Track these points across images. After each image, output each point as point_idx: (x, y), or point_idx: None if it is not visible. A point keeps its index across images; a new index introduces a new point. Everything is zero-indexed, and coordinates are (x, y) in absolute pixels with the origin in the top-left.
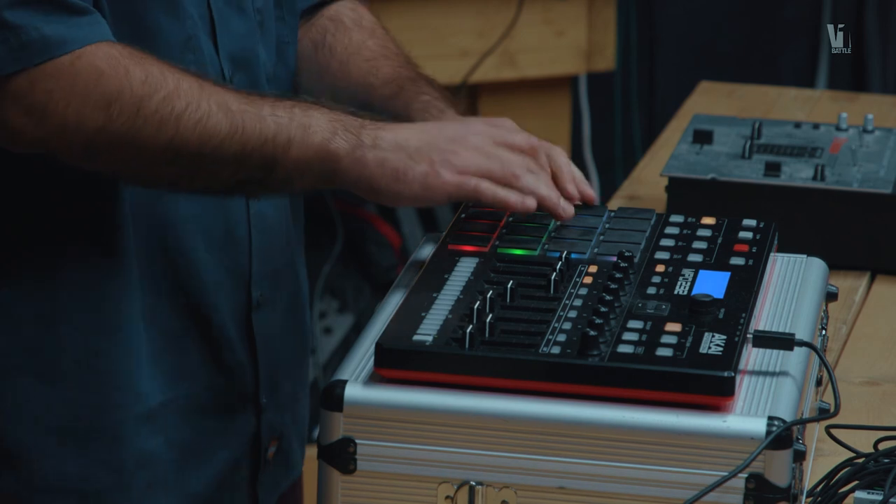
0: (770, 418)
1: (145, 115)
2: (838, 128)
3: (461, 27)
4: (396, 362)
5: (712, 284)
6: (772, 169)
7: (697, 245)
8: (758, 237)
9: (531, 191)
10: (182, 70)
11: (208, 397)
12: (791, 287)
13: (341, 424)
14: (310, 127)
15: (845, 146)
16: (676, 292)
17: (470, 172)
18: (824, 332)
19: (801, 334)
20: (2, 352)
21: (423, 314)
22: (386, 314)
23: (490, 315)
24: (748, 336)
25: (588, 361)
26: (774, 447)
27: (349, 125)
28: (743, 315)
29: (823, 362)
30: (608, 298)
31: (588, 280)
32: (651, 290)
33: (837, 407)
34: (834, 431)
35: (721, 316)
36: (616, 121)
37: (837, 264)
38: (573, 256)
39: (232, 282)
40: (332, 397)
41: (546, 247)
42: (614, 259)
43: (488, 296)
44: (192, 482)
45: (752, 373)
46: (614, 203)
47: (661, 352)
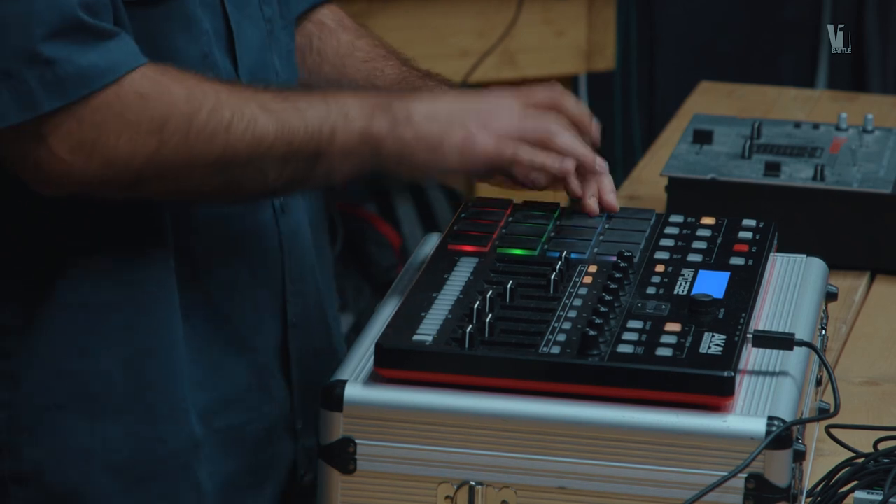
0: (770, 418)
1: (197, 132)
2: (838, 128)
3: (461, 27)
4: (396, 362)
5: (712, 284)
6: (772, 169)
7: (697, 245)
8: (757, 237)
9: (568, 149)
10: (213, 79)
11: (252, 427)
12: (791, 287)
13: (341, 424)
14: (348, 114)
15: (845, 146)
16: (676, 292)
17: (505, 135)
18: (824, 332)
19: (801, 334)
20: (46, 388)
21: (423, 314)
22: (386, 314)
23: (490, 315)
24: (748, 336)
25: (588, 361)
26: (774, 447)
27: (381, 104)
28: (743, 315)
29: (823, 362)
30: (608, 298)
31: (588, 280)
32: (651, 290)
33: (837, 407)
34: (834, 431)
35: (721, 316)
36: (616, 121)
37: (837, 264)
38: (573, 256)
39: (270, 303)
40: (332, 397)
41: (546, 247)
42: (614, 259)
43: (488, 296)
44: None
45: (752, 373)
46: None
47: (661, 352)
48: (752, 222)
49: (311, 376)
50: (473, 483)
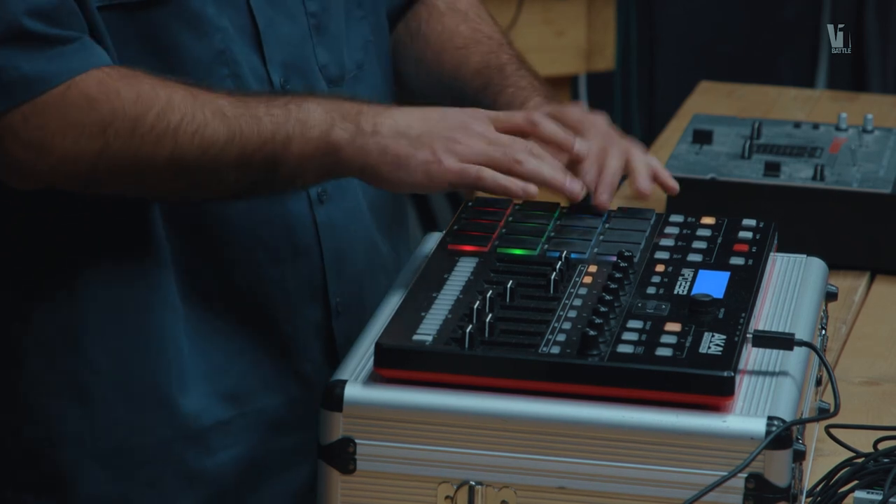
0: (770, 418)
1: (142, 134)
2: (838, 128)
3: None
4: (396, 362)
5: (712, 284)
6: (771, 169)
7: (697, 245)
8: (757, 237)
9: (533, 175)
10: (174, 82)
11: (285, 411)
12: (791, 287)
13: (341, 424)
14: (307, 121)
15: (845, 146)
16: (676, 292)
17: (472, 160)
18: (824, 332)
19: (801, 334)
20: (38, 376)
21: (423, 314)
22: (386, 314)
23: (490, 315)
24: (748, 336)
25: (588, 361)
26: (774, 447)
27: (346, 113)
28: (743, 315)
29: (823, 362)
30: (608, 298)
31: (588, 280)
32: (651, 290)
33: (837, 407)
34: (833, 431)
35: (721, 316)
36: (616, 121)
37: (837, 264)
38: (573, 256)
39: (306, 292)
40: (332, 397)
41: (546, 247)
42: (614, 259)
43: (488, 296)
44: (267, 500)
45: (752, 373)
46: (614, 203)
47: (661, 352)
48: (752, 222)
49: None
50: (473, 483)
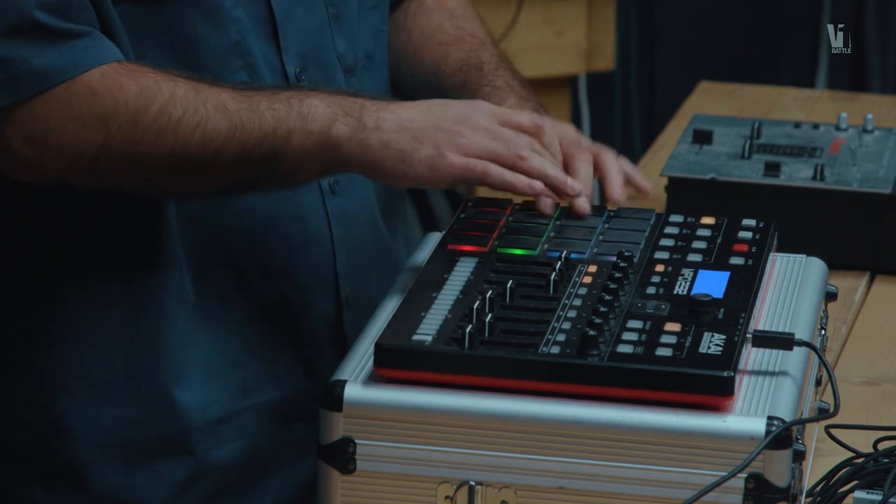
0: (769, 418)
1: (143, 128)
2: (838, 128)
3: None
4: (396, 362)
5: (712, 284)
6: (771, 169)
7: (697, 245)
8: (757, 237)
9: (537, 172)
10: (177, 76)
11: (294, 403)
12: (791, 287)
13: (341, 424)
14: (308, 115)
15: (845, 146)
16: (676, 292)
17: (476, 154)
18: (824, 332)
19: (801, 334)
20: (46, 370)
21: (423, 314)
22: (386, 314)
23: (490, 315)
24: (748, 336)
25: (588, 361)
26: (774, 447)
27: (349, 108)
28: (742, 315)
29: (823, 362)
30: (608, 298)
31: (588, 280)
32: (650, 290)
33: (837, 407)
34: (833, 431)
35: (720, 316)
36: (616, 121)
37: (837, 264)
38: (573, 256)
39: (316, 283)
40: (332, 397)
41: (545, 247)
42: (614, 259)
43: (488, 296)
44: (275, 490)
45: (752, 373)
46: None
47: (661, 352)
48: (752, 222)
49: None
50: (473, 483)
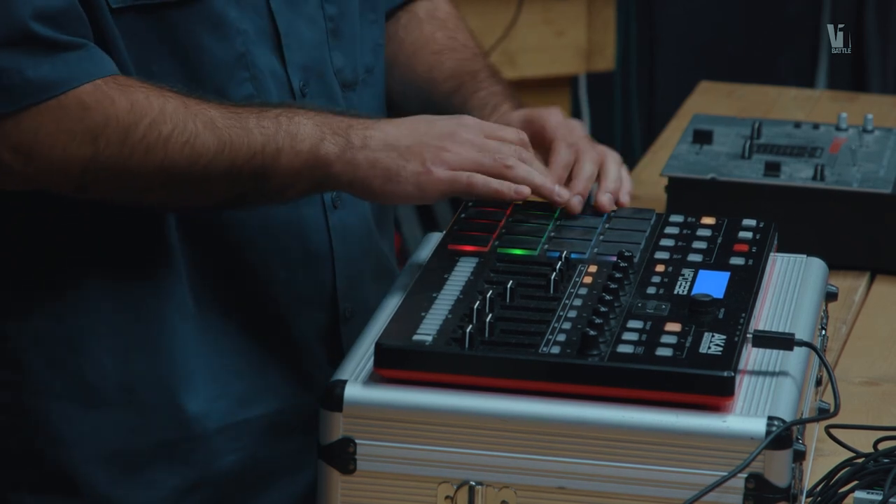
0: (770, 418)
1: (132, 144)
2: (838, 128)
3: None
4: (396, 362)
5: (712, 284)
6: (771, 169)
7: (697, 245)
8: (757, 237)
9: (524, 180)
10: (168, 91)
11: (291, 416)
12: (791, 287)
13: (341, 424)
14: (297, 134)
15: (845, 146)
16: (676, 292)
17: (461, 167)
18: (824, 332)
19: (801, 334)
20: (40, 378)
21: (423, 314)
22: (386, 314)
23: (490, 315)
24: (748, 336)
25: (588, 361)
26: (774, 447)
27: (336, 127)
28: (743, 315)
29: (823, 362)
30: (608, 298)
31: (588, 280)
32: (651, 290)
33: (837, 407)
34: (833, 431)
35: (721, 316)
36: (616, 121)
37: (837, 264)
38: (573, 256)
39: (316, 297)
40: (332, 397)
41: (546, 247)
42: (614, 259)
43: (488, 296)
44: (271, 501)
45: (752, 373)
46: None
47: (661, 352)
48: (752, 222)
49: None
50: (473, 483)
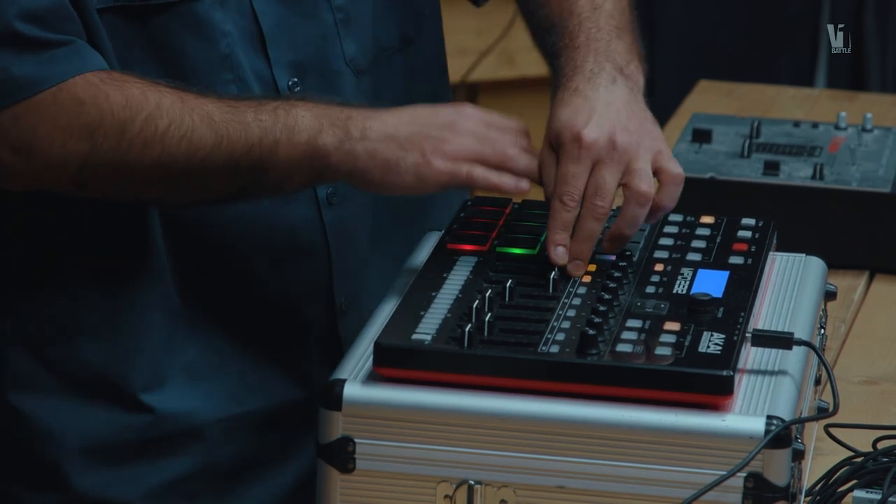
0: (769, 417)
1: (130, 138)
2: (837, 127)
3: (460, 26)
4: (395, 361)
5: (711, 283)
6: (771, 168)
7: (696, 244)
8: (757, 236)
9: (525, 171)
10: (163, 86)
11: (286, 410)
12: (790, 286)
13: (340, 423)
14: (295, 126)
15: (844, 145)
16: (675, 291)
17: (462, 158)
18: (823, 331)
19: (800, 333)
20: (28, 372)
21: (422, 313)
22: (385, 313)
23: (489, 314)
24: (747, 335)
25: (587, 360)
26: (773, 446)
27: (335, 118)
28: (742, 314)
29: (822, 361)
30: (607, 297)
31: (587, 279)
32: (650, 290)
33: (836, 406)
34: (833, 430)
35: (720, 315)
36: None
37: (836, 263)
38: None
39: (310, 294)
40: (331, 396)
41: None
42: (613, 258)
43: (487, 295)
44: (260, 492)
45: (751, 372)
46: (614, 202)
47: (660, 351)
48: (752, 221)
49: None
50: (472, 482)
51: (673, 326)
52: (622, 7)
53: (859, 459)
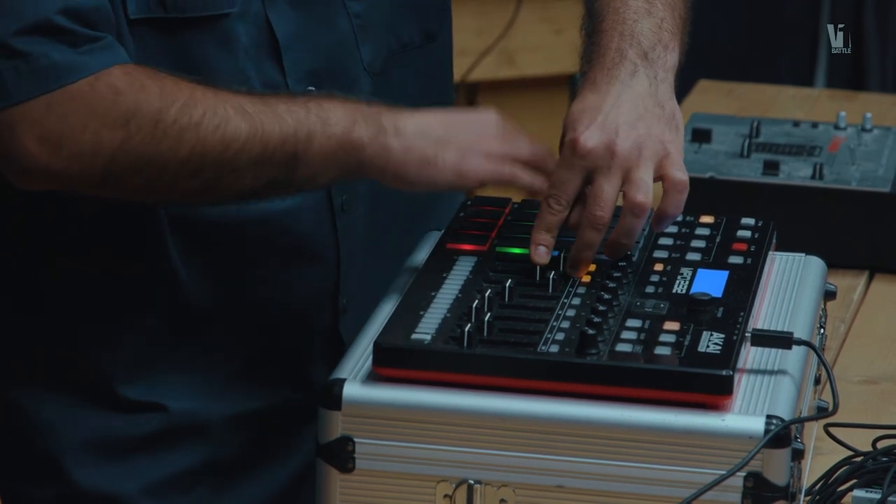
0: (768, 417)
1: (164, 127)
2: (837, 126)
3: (459, 25)
4: (395, 361)
5: (711, 283)
6: (770, 168)
7: (696, 244)
8: (756, 236)
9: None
10: (195, 80)
11: (287, 409)
12: (789, 286)
13: (340, 423)
14: (328, 119)
15: (844, 145)
16: (675, 291)
17: (498, 156)
18: (823, 331)
19: (800, 333)
20: (30, 368)
21: (422, 313)
22: (384, 313)
23: (488, 314)
24: (746, 335)
25: (587, 360)
26: (773, 446)
27: (367, 113)
28: (741, 314)
29: (822, 361)
30: (607, 297)
31: (587, 279)
32: (649, 289)
33: (836, 405)
34: (832, 430)
35: (719, 315)
36: None
37: (836, 263)
38: None
39: (316, 297)
40: (331, 396)
41: None
42: None
43: (487, 294)
44: (261, 488)
45: (751, 371)
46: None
47: (660, 350)
48: (751, 221)
49: None
50: (472, 482)
51: (672, 326)
52: None
53: (859, 459)
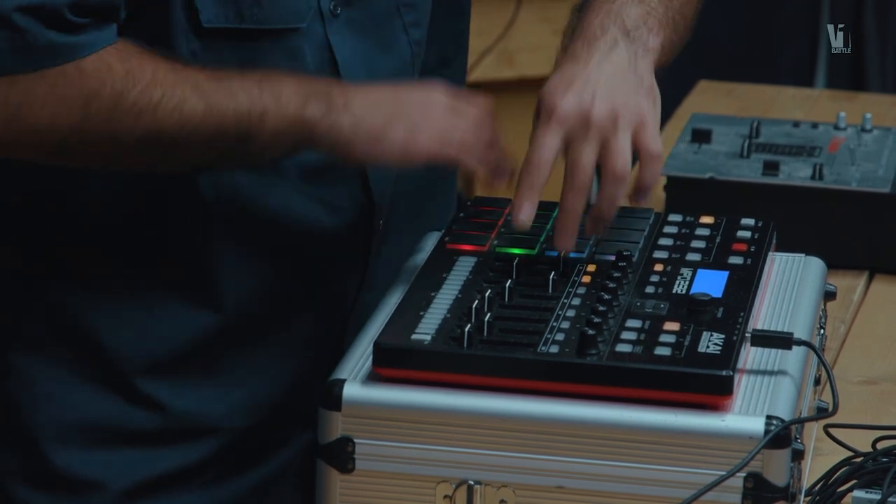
0: (768, 417)
1: (123, 109)
2: (837, 127)
3: None
4: (395, 361)
5: (711, 283)
6: (770, 168)
7: (696, 244)
8: (756, 236)
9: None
10: (157, 57)
11: (288, 408)
12: (789, 286)
13: (340, 423)
14: (281, 97)
15: (844, 145)
16: (675, 291)
17: (446, 133)
18: (823, 332)
19: (800, 333)
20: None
21: (422, 313)
22: (384, 313)
23: (488, 314)
24: (746, 335)
25: (586, 361)
26: (773, 446)
27: (319, 90)
28: (741, 314)
29: (822, 361)
30: (607, 297)
31: (586, 279)
32: (649, 290)
33: (836, 406)
34: (832, 430)
35: (719, 315)
36: None
37: (836, 263)
38: (571, 255)
39: (341, 301)
40: (331, 396)
41: (544, 246)
42: (613, 258)
43: (486, 295)
44: (250, 481)
45: (751, 372)
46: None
47: (660, 351)
48: (751, 221)
49: None
50: (472, 482)
51: (672, 326)
52: None
53: (859, 459)
